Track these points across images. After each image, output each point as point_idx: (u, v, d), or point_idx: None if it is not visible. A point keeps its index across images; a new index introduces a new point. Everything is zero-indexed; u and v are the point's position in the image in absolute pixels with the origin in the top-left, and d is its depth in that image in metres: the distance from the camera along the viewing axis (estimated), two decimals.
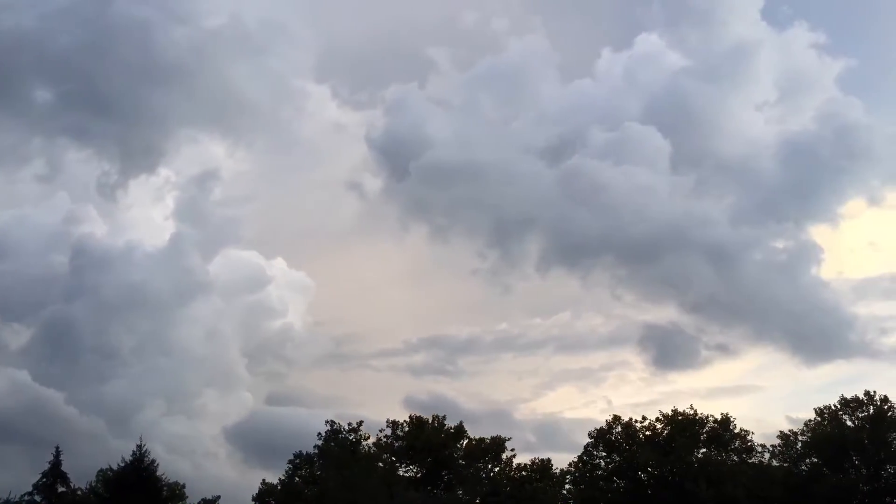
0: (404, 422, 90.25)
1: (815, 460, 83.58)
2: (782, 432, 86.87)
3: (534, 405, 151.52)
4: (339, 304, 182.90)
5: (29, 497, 73.65)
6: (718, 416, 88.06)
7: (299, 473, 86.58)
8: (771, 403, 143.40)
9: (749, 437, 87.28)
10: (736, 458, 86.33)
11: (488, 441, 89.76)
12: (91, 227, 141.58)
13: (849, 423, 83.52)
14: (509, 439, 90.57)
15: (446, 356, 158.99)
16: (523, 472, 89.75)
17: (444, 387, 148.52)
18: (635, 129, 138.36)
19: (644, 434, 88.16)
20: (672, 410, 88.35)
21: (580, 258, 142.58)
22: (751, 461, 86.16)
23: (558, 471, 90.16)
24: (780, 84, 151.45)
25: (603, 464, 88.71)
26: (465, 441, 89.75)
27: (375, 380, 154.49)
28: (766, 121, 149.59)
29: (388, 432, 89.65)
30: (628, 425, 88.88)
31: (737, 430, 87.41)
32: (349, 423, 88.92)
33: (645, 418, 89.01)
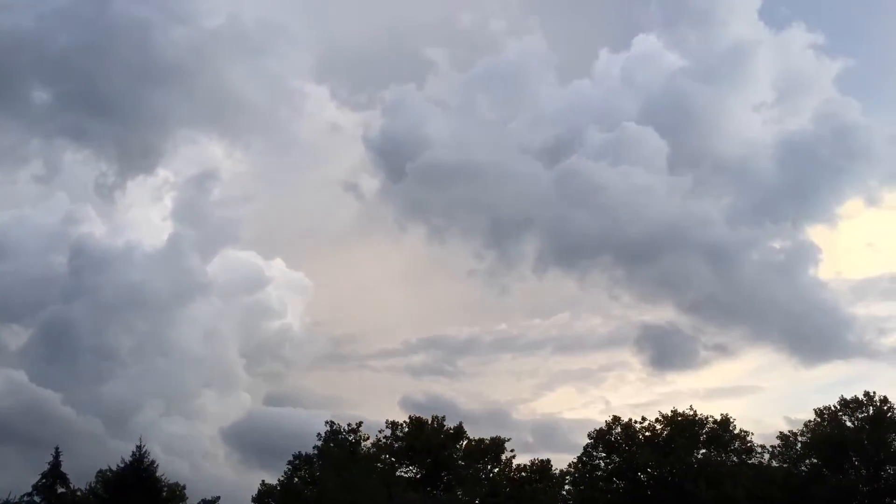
0: (404, 422, 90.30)
1: (815, 461, 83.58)
2: (782, 433, 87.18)
3: (533, 406, 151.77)
4: (338, 304, 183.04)
5: (28, 498, 73.53)
6: (718, 417, 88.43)
7: (299, 474, 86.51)
8: (769, 404, 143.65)
9: (749, 438, 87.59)
10: (735, 458, 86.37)
11: (488, 442, 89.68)
12: (90, 228, 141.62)
13: (848, 424, 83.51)
14: (508, 440, 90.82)
15: (445, 357, 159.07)
16: (523, 473, 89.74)
17: (443, 387, 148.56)
18: (633, 129, 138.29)
19: (644, 435, 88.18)
20: (672, 411, 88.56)
21: (578, 259, 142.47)
22: (750, 462, 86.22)
23: (558, 471, 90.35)
24: (777, 84, 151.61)
25: (602, 464, 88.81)
26: (465, 442, 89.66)
27: (374, 380, 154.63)
28: (763, 121, 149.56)
29: (388, 433, 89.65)
30: (628, 426, 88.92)
31: (736, 431, 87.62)
32: (349, 424, 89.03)
33: (644, 419, 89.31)
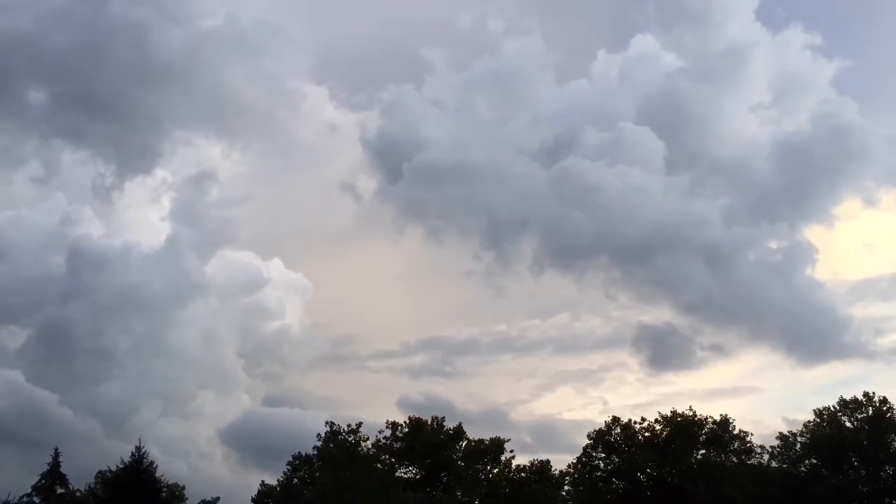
0: (403, 423, 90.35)
1: (814, 461, 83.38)
2: (781, 433, 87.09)
3: (532, 406, 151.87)
4: (337, 305, 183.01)
5: (28, 499, 73.50)
6: (717, 418, 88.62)
7: (298, 475, 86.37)
8: (767, 404, 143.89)
9: (748, 439, 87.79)
10: (735, 459, 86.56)
11: (487, 442, 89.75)
12: (87, 229, 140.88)
13: (848, 425, 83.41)
14: (508, 440, 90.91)
15: (444, 357, 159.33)
16: (522, 474, 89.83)
17: (442, 388, 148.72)
18: (630, 129, 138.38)
19: (643, 435, 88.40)
20: (671, 412, 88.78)
21: (575, 259, 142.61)
22: (750, 462, 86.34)
23: (557, 472, 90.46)
24: (774, 85, 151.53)
25: (602, 465, 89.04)
26: (464, 442, 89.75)
27: (373, 381, 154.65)
28: (760, 122, 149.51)
29: (387, 433, 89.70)
30: (627, 427, 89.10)
31: (736, 432, 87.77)
32: (348, 425, 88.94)
33: (644, 419, 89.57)
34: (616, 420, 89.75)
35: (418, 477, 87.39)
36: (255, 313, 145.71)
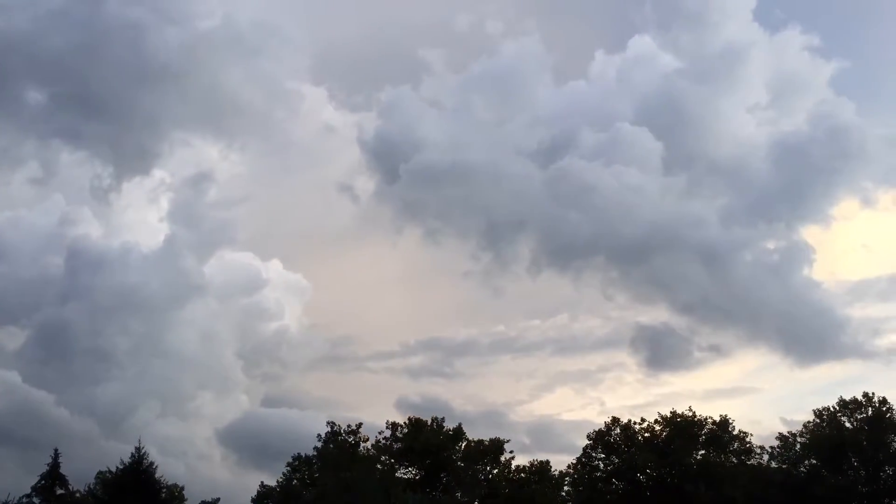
0: (403, 423, 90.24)
1: (814, 462, 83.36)
2: (781, 434, 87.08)
3: (531, 407, 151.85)
4: (336, 306, 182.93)
5: (27, 499, 73.35)
6: (717, 418, 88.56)
7: (297, 476, 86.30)
8: (765, 405, 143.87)
9: (748, 439, 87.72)
10: (735, 459, 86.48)
11: (487, 443, 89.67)
12: (86, 229, 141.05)
13: (847, 425, 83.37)
14: (508, 441, 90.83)
15: (443, 358, 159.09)
16: (522, 474, 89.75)
17: (441, 389, 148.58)
18: (627, 130, 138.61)
19: (643, 436, 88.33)
20: (671, 412, 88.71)
21: (573, 259, 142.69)
22: (749, 463, 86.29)
23: (557, 473, 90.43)
24: (772, 86, 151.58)
25: (602, 466, 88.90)
26: (464, 443, 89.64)
27: (372, 382, 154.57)
28: (758, 123, 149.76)
29: (387, 434, 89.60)
30: (627, 427, 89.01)
31: (735, 432, 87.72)
32: (348, 425, 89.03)
33: (644, 420, 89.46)
34: (616, 421, 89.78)
35: (418, 477, 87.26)
36: (254, 314, 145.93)
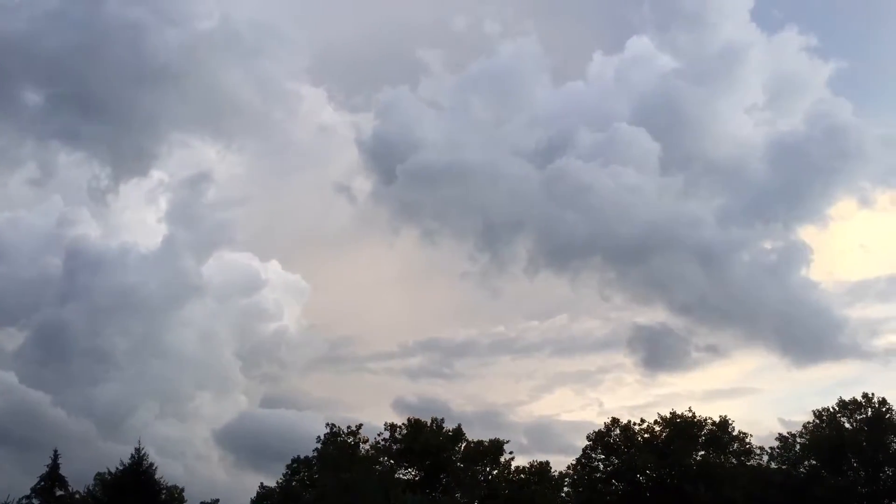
0: (402, 424, 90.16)
1: (814, 462, 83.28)
2: (781, 434, 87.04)
3: (530, 408, 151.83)
4: (335, 306, 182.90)
5: (27, 500, 73.41)
6: (717, 419, 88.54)
7: (297, 477, 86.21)
8: (763, 406, 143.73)
9: (747, 440, 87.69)
10: (734, 460, 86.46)
11: (487, 444, 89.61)
12: (84, 230, 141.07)
13: (847, 426, 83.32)
14: (507, 442, 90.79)
15: (443, 359, 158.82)
16: (522, 475, 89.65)
17: (441, 390, 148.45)
18: (625, 130, 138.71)
19: (642, 437, 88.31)
20: (670, 413, 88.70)
21: (570, 260, 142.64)
22: (749, 464, 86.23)
23: (556, 473, 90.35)
24: (769, 86, 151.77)
25: (601, 466, 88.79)
26: (464, 444, 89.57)
27: (371, 383, 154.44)
28: (755, 123, 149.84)
29: (387, 435, 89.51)
30: (626, 428, 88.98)
31: (735, 433, 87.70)
32: (348, 427, 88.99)
33: (643, 421, 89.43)
34: (615, 421, 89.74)
35: (418, 478, 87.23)
36: (253, 314, 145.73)
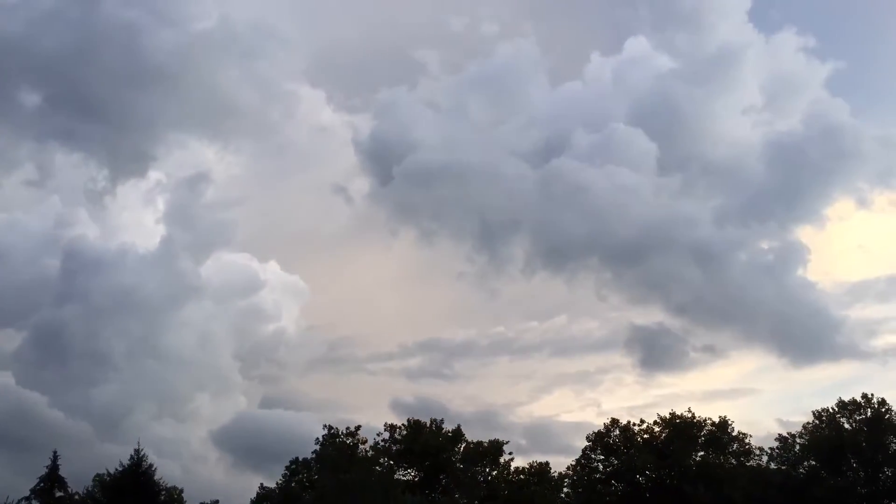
0: (402, 425, 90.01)
1: (813, 463, 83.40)
2: (780, 435, 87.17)
3: (530, 408, 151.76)
4: (333, 307, 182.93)
5: (26, 502, 73.16)
6: (716, 419, 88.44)
7: (297, 478, 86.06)
8: (760, 406, 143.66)
9: (747, 440, 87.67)
10: (734, 461, 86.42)
11: (486, 444, 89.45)
12: (82, 231, 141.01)
13: (846, 426, 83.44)
14: (507, 442, 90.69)
15: (442, 360, 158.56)
16: (521, 476, 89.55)
17: (440, 390, 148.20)
18: (622, 131, 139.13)
19: (642, 437, 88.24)
20: (670, 413, 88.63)
21: (567, 261, 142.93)
22: (749, 464, 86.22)
23: (556, 474, 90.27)
24: (767, 87, 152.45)
25: (601, 467, 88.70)
26: (463, 445, 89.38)
27: (371, 383, 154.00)
28: (753, 124, 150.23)
29: (386, 436, 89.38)
30: (626, 429, 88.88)
31: (734, 433, 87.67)
32: (347, 428, 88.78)
33: (643, 421, 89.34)
34: (615, 422, 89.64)
35: (417, 479, 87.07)
36: (251, 315, 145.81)
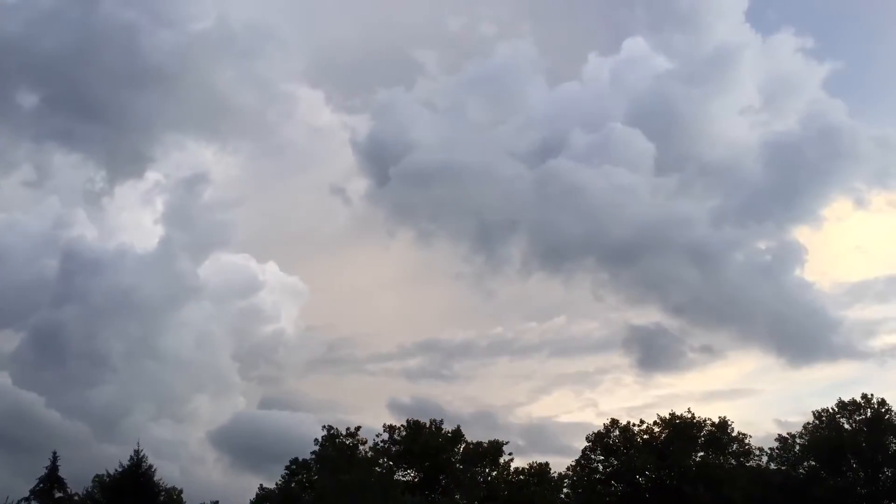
0: (401, 426, 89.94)
1: (813, 463, 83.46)
2: (780, 435, 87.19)
3: (529, 409, 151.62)
4: (332, 308, 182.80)
5: (26, 502, 72.98)
6: (716, 420, 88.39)
7: (296, 479, 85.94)
8: (758, 407, 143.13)
9: (746, 441, 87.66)
10: (734, 461, 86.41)
11: (486, 445, 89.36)
12: (80, 232, 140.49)
13: (846, 427, 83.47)
14: (507, 443, 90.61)
15: (441, 360, 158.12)
16: (521, 476, 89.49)
17: (440, 391, 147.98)
18: (620, 131, 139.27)
19: (642, 438, 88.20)
20: (670, 414, 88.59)
21: (565, 261, 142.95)
22: (748, 464, 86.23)
23: (556, 475, 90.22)
24: (764, 88, 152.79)
25: (601, 468, 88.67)
26: (463, 445, 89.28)
27: (370, 384, 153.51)
28: (750, 125, 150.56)
29: (386, 436, 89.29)
30: (626, 429, 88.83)
31: (734, 434, 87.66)
32: (346, 428, 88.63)
33: (643, 422, 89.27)
34: (615, 422, 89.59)
35: (417, 480, 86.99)
36: (250, 316, 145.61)
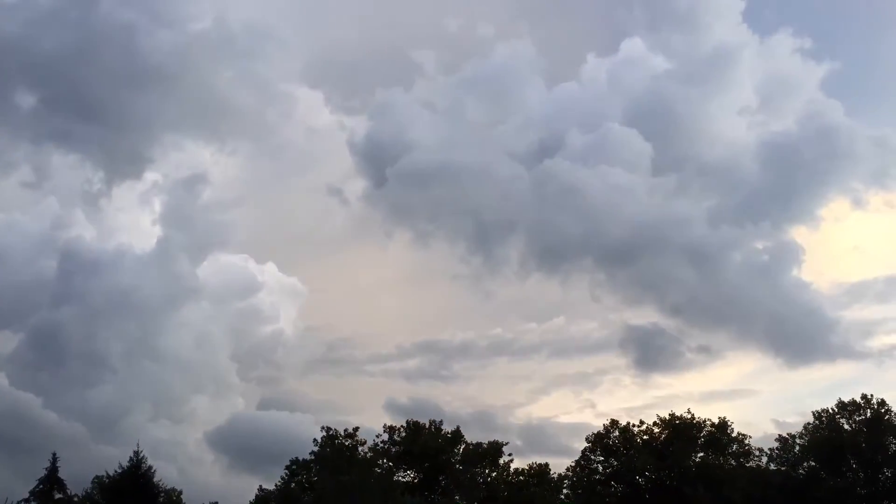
0: (401, 427, 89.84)
1: (813, 464, 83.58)
2: (780, 435, 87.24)
3: (528, 410, 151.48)
4: (331, 309, 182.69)
5: (26, 503, 72.87)
6: (716, 420, 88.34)
7: (296, 479, 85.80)
8: (756, 407, 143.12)
9: (746, 441, 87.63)
10: (733, 461, 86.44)
11: (486, 446, 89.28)
12: (79, 232, 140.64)
13: (846, 427, 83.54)
14: (506, 444, 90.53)
15: (440, 361, 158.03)
16: (521, 477, 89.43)
17: (439, 392, 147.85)
18: (617, 132, 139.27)
19: (641, 438, 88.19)
20: (669, 414, 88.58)
21: (562, 261, 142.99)
22: (748, 465, 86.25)
23: (556, 475, 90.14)
24: (762, 88, 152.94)
25: (601, 468, 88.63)
26: (463, 446, 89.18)
27: (369, 385, 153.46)
28: (748, 125, 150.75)
29: (385, 437, 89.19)
30: (626, 430, 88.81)
31: (734, 434, 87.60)
32: (345, 429, 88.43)
33: (643, 423, 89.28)
34: (614, 423, 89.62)
35: (416, 480, 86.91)
36: (249, 317, 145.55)
